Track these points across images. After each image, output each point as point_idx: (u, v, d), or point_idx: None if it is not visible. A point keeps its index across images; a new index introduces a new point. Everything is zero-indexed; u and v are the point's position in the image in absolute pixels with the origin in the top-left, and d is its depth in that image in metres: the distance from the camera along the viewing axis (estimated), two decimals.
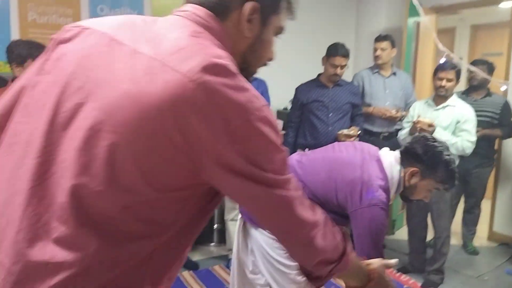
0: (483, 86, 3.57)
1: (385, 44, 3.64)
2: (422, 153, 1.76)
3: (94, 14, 3.81)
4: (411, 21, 4.20)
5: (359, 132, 3.34)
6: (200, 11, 0.85)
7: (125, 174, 0.74)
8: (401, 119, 3.56)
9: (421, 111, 3.21)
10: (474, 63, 3.66)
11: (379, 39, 3.69)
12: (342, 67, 3.29)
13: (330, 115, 3.36)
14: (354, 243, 1.67)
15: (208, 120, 0.72)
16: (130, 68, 0.75)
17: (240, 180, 0.76)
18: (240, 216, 1.95)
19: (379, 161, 1.77)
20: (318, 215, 0.93)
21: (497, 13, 4.79)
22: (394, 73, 3.76)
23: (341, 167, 1.77)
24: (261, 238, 1.80)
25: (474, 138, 3.02)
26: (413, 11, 4.16)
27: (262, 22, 0.90)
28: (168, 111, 0.70)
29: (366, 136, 3.50)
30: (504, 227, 3.95)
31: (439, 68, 3.14)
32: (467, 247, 3.78)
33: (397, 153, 1.83)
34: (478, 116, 3.33)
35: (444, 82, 3.06)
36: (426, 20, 4.36)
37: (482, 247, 3.88)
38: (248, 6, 0.86)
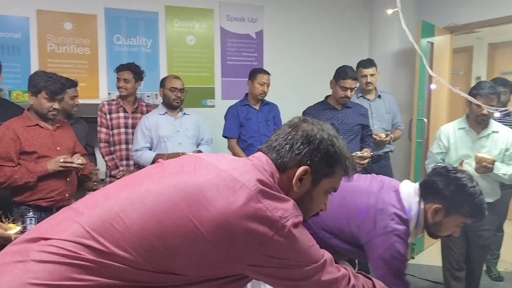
0: (504, 106, 3.50)
1: (372, 69, 3.71)
2: (444, 187, 1.65)
3: (110, 43, 3.93)
4: (424, 41, 4.17)
5: (372, 153, 3.31)
6: (269, 166, 1.08)
7: None
8: (389, 142, 3.71)
9: (458, 140, 2.82)
10: (495, 81, 3.59)
11: (366, 65, 3.73)
12: (352, 89, 3.28)
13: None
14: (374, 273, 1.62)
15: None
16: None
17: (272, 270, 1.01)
18: None
19: (397, 192, 1.71)
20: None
21: None
22: (379, 96, 3.82)
23: (355, 195, 1.73)
24: None
25: None
26: (426, 32, 4.15)
27: (313, 182, 1.09)
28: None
29: None
30: None
31: (478, 94, 2.67)
32: (491, 272, 3.63)
33: (416, 185, 1.75)
34: None
35: (485, 111, 2.64)
36: (440, 40, 4.34)
37: (507, 272, 3.72)
38: (301, 169, 1.06)
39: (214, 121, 3.78)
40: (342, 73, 3.26)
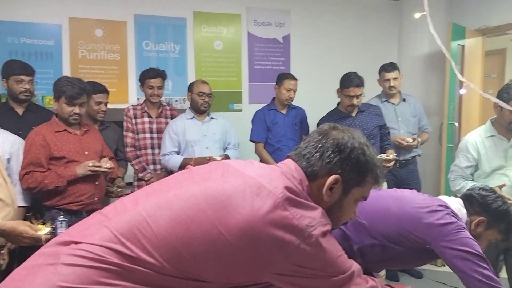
0: None
1: (395, 73, 3.64)
2: (491, 202, 1.77)
3: (140, 49, 4.01)
4: (455, 44, 4.08)
5: (395, 154, 3.24)
6: (298, 174, 1.07)
7: None
8: (416, 146, 3.61)
9: (489, 149, 2.57)
10: None
11: (389, 69, 3.66)
12: (358, 96, 3.21)
13: None
14: (460, 275, 1.61)
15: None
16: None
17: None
18: None
19: (447, 205, 1.73)
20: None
21: None
22: (404, 100, 3.75)
23: (408, 202, 1.72)
24: None
25: None
26: (456, 34, 4.06)
27: (344, 191, 1.08)
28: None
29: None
30: None
31: (511, 99, 2.44)
32: None
33: (459, 200, 1.83)
34: None
35: None
36: (472, 43, 4.24)
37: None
38: (332, 178, 1.05)
39: (241, 125, 3.79)
40: (345, 82, 3.20)
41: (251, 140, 3.57)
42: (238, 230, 0.92)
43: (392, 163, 3.12)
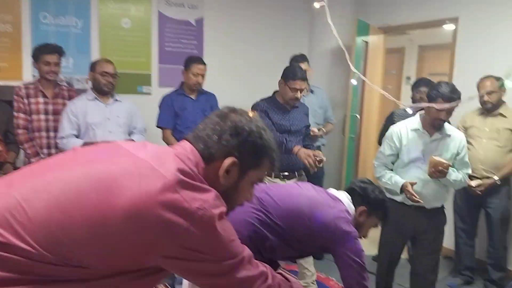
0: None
1: (305, 64, 3.72)
2: (371, 193, 2.01)
3: (36, 21, 3.66)
4: (360, 40, 4.29)
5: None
6: (193, 155, 1.04)
7: None
8: (321, 136, 3.75)
9: (410, 141, 2.64)
10: (419, 82, 3.78)
11: (299, 60, 3.73)
12: (302, 90, 3.10)
13: (290, 139, 3.10)
14: (344, 275, 1.88)
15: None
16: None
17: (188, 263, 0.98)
18: None
19: (338, 200, 1.96)
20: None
21: (441, 34, 5.00)
22: (312, 91, 3.89)
23: (317, 205, 1.87)
24: None
25: None
26: (361, 30, 4.27)
27: (241, 174, 1.07)
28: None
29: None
30: (445, 240, 4.04)
31: (439, 96, 2.48)
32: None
33: (347, 195, 2.03)
34: None
35: (443, 115, 2.52)
36: (375, 40, 4.49)
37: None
38: (229, 160, 1.03)
39: (150, 109, 3.63)
40: (291, 74, 3.02)
41: (157, 126, 3.45)
42: (123, 212, 0.88)
43: (322, 163, 2.99)
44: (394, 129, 2.71)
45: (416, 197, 2.45)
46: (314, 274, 3.18)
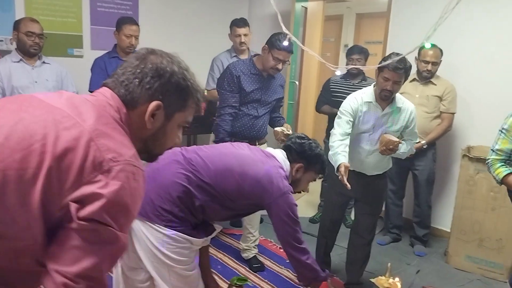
0: (360, 72, 3.81)
1: (246, 29, 3.71)
2: (307, 149, 2.04)
3: None
4: (299, 6, 4.30)
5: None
6: (114, 101, 0.99)
7: None
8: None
9: (365, 114, 2.61)
10: (352, 49, 3.87)
11: (240, 24, 3.69)
12: (285, 62, 2.93)
13: (259, 109, 3.03)
14: (277, 230, 1.93)
15: None
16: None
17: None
18: None
19: (274, 157, 1.97)
20: None
21: (378, 3, 5.12)
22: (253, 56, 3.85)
23: (248, 162, 1.87)
24: (149, 232, 1.72)
25: None
26: None
27: (167, 117, 1.04)
28: None
29: None
30: None
31: (385, 67, 2.47)
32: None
33: (283, 152, 2.05)
34: None
35: (390, 87, 2.50)
36: (314, 6, 4.51)
37: None
38: (153, 104, 1.00)
39: (82, 72, 3.44)
40: (277, 43, 2.79)
41: (89, 91, 3.28)
42: (35, 159, 0.83)
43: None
44: (352, 100, 2.62)
45: (345, 183, 2.30)
46: (258, 239, 3.27)
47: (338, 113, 2.62)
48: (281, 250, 3.46)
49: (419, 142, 3.43)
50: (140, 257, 1.74)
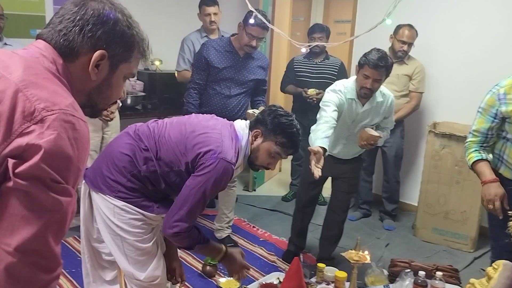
0: (323, 51, 3.85)
1: (215, 8, 3.67)
2: (266, 116, 1.87)
3: None
4: None
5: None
6: (48, 52, 0.92)
7: None
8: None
9: (346, 110, 2.60)
10: (313, 28, 3.90)
11: (209, 3, 3.64)
12: (260, 39, 2.95)
13: (234, 88, 3.04)
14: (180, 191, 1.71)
15: None
16: None
17: None
18: (83, 181, 1.81)
19: (232, 125, 1.87)
20: None
21: None
22: (222, 37, 3.84)
23: (193, 127, 1.79)
24: (102, 203, 1.73)
25: None
26: None
27: (112, 68, 0.98)
28: None
29: None
30: None
31: (366, 64, 2.47)
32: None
33: (246, 121, 1.94)
34: (319, 78, 3.78)
35: (369, 85, 2.49)
36: None
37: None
38: (96, 54, 0.93)
39: None
40: (249, 18, 2.74)
41: None
42: None
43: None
44: (337, 95, 2.56)
45: (313, 170, 2.16)
46: (232, 220, 3.30)
47: (322, 104, 2.55)
48: (255, 228, 3.53)
49: None
50: (99, 229, 1.77)
